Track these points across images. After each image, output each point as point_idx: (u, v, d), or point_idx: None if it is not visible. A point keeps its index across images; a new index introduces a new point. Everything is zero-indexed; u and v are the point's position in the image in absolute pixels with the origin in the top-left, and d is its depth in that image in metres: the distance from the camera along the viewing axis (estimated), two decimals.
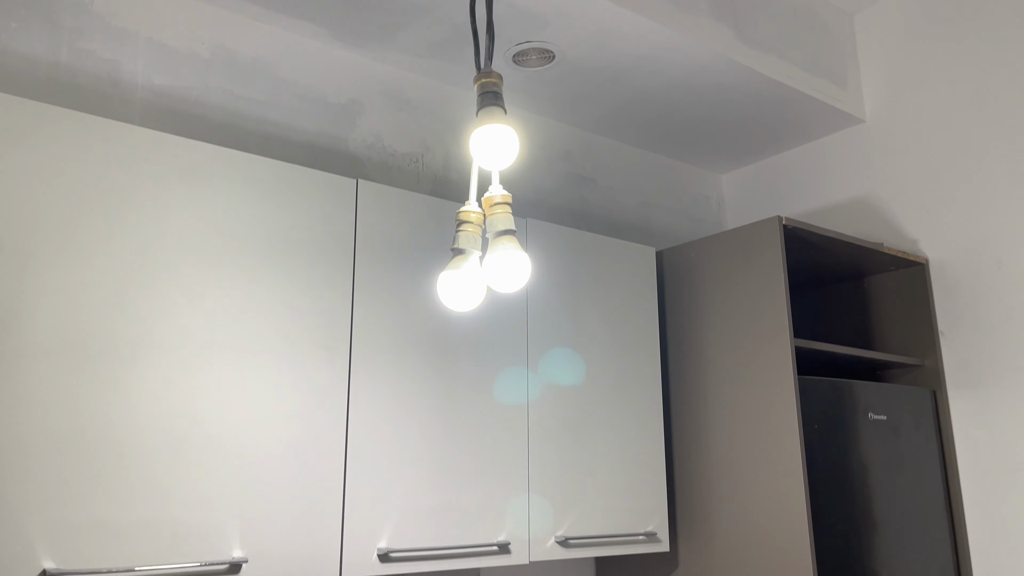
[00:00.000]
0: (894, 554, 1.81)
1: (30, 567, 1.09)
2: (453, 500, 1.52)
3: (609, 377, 1.81)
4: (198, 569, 1.22)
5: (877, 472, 1.83)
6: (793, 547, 1.65)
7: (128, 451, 1.19)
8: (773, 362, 1.75)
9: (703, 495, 1.84)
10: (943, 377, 2.07)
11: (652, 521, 1.81)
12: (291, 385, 1.37)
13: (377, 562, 1.41)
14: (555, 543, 1.64)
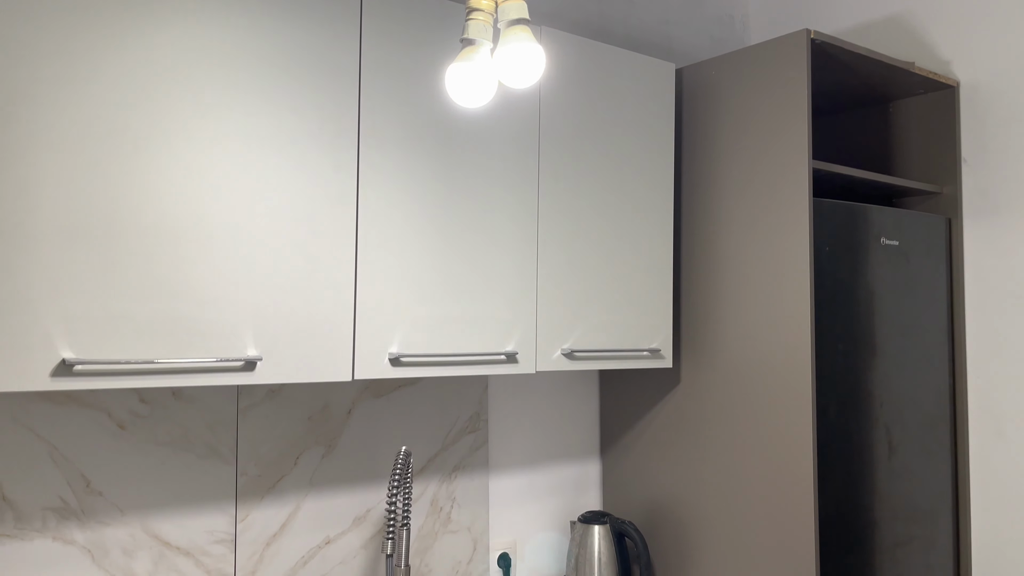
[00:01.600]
0: (893, 375, 1.85)
1: (49, 356, 1.12)
2: (462, 309, 1.54)
3: (621, 192, 1.78)
4: (215, 365, 1.25)
5: (884, 296, 1.84)
6: (794, 366, 1.69)
7: (138, 247, 1.19)
8: (789, 183, 1.71)
9: (709, 314, 1.87)
10: (960, 205, 2.04)
11: (657, 338, 1.84)
12: (299, 188, 1.35)
13: (388, 366, 1.45)
14: (561, 355, 1.68)
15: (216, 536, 1.51)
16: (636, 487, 2.03)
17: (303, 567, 1.61)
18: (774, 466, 1.71)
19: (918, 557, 1.88)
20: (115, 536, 1.40)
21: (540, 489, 2.02)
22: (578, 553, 1.93)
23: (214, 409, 1.52)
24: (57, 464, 1.36)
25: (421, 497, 1.79)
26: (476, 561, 1.87)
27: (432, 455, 1.81)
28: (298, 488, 1.62)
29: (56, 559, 1.35)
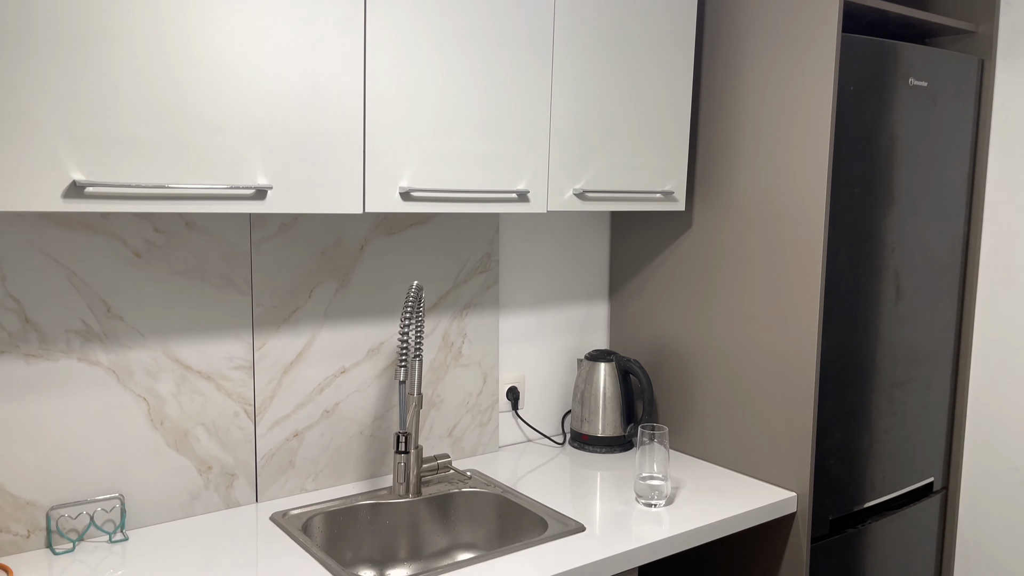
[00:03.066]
0: (907, 221, 1.84)
1: (59, 177, 1.11)
2: (474, 145, 1.51)
3: (640, 28, 1.71)
4: (226, 192, 1.25)
5: (906, 140, 1.80)
6: (808, 209, 1.67)
7: (144, 68, 1.16)
8: (817, 16, 1.63)
9: (724, 156, 1.83)
10: (995, 45, 1.95)
11: (670, 180, 1.82)
12: (305, 12, 1.29)
13: (399, 200, 1.44)
14: (573, 195, 1.67)
15: (235, 362, 1.56)
16: (642, 328, 2.07)
17: (319, 394, 1.68)
18: (780, 307, 1.73)
19: (915, 397, 1.94)
20: (138, 359, 1.45)
21: (549, 328, 2.06)
22: (584, 389, 2.00)
23: (228, 241, 1.54)
24: (77, 289, 1.39)
25: (433, 332, 1.83)
26: (486, 394, 1.94)
27: (444, 293, 1.84)
28: (313, 320, 1.66)
29: (83, 379, 1.40)
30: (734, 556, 1.86)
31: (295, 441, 1.65)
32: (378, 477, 1.78)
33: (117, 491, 1.45)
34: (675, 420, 1.99)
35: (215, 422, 1.55)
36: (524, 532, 1.62)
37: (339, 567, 1.33)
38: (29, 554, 1.37)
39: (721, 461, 1.89)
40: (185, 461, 1.52)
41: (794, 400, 1.72)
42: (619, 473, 1.83)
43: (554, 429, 2.11)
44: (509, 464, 1.88)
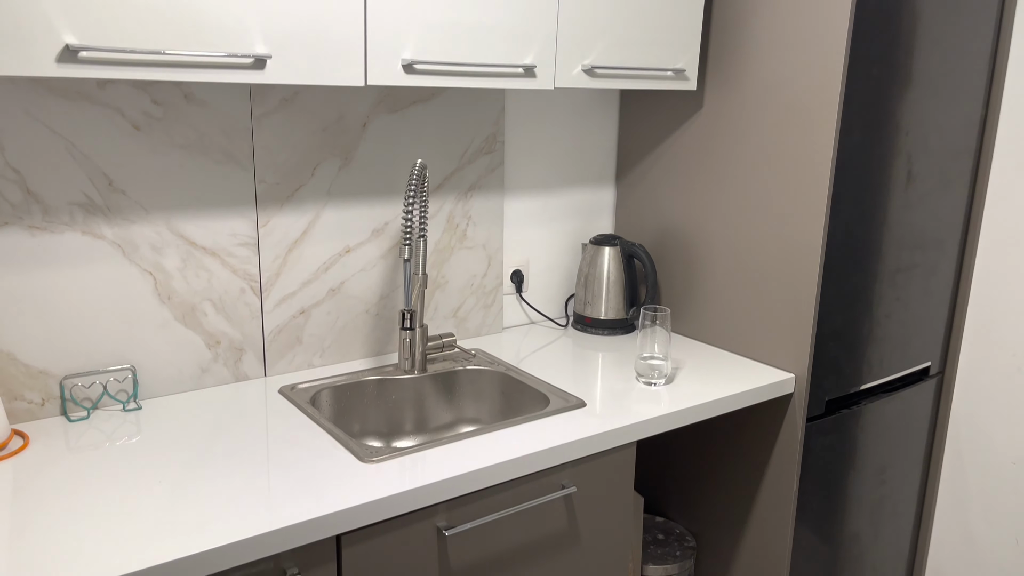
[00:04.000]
0: (924, 103, 1.79)
1: (52, 41, 1.08)
2: (479, 16, 1.46)
3: None
4: (224, 60, 1.22)
5: (929, 18, 1.72)
6: (822, 90, 1.62)
7: None
8: None
9: (739, 34, 1.77)
10: None
11: (682, 58, 1.76)
12: None
13: (402, 72, 1.40)
14: (581, 71, 1.62)
15: (240, 239, 1.56)
16: (648, 213, 2.05)
17: (325, 272, 1.69)
18: (789, 190, 1.71)
19: (918, 282, 1.94)
20: (142, 233, 1.45)
21: (554, 212, 2.05)
22: (588, 272, 2.01)
23: (228, 115, 1.51)
24: (77, 161, 1.37)
25: (437, 214, 1.82)
26: (490, 276, 1.95)
27: (448, 173, 1.82)
28: (316, 198, 1.64)
29: (88, 253, 1.41)
30: (730, 435, 1.91)
31: (301, 318, 1.67)
32: (384, 355, 1.81)
33: (128, 362, 1.48)
34: (677, 304, 2.01)
35: (222, 298, 1.56)
36: (526, 407, 1.66)
37: (347, 436, 1.37)
38: (45, 421, 1.41)
39: (722, 344, 1.91)
40: (193, 335, 1.54)
41: (797, 284, 1.72)
42: (620, 354, 1.86)
43: (557, 312, 2.13)
44: (513, 344, 1.91)
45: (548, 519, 1.43)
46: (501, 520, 1.37)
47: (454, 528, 1.29)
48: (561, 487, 1.43)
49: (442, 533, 1.29)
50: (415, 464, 1.29)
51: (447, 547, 1.31)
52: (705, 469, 1.99)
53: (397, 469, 1.27)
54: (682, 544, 1.98)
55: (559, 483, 1.42)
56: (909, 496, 2.15)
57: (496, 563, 1.38)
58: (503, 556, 1.39)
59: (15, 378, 1.38)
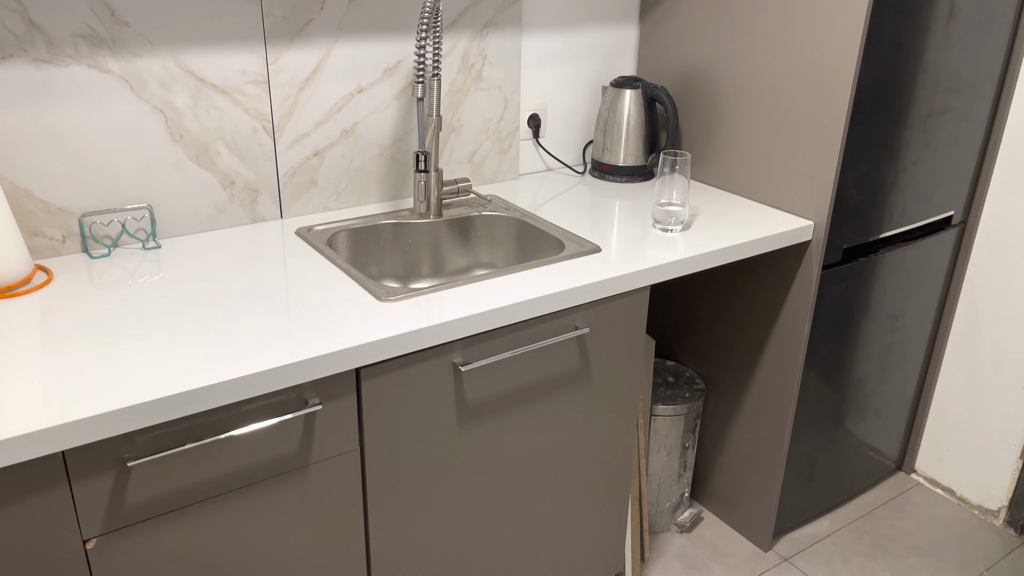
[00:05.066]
0: None
1: None
2: None
3: None
4: None
5: None
6: None
7: None
8: None
9: None
10: None
11: None
12: None
13: None
14: None
15: (249, 76, 1.52)
16: (673, 54, 1.97)
17: (337, 112, 1.65)
18: (821, 30, 1.62)
19: (949, 128, 1.88)
20: (149, 68, 1.42)
21: (573, 53, 1.97)
22: (608, 116, 1.95)
23: None
24: None
25: (452, 52, 1.76)
26: (506, 120, 1.90)
27: (463, 9, 1.74)
28: (327, 33, 1.58)
29: (96, 87, 1.38)
30: (744, 281, 1.92)
31: (315, 160, 1.65)
32: (399, 200, 1.80)
33: (145, 201, 1.49)
34: (699, 150, 1.96)
35: (234, 137, 1.54)
36: (542, 253, 1.66)
37: (364, 277, 1.38)
38: (67, 258, 1.43)
39: (742, 191, 1.88)
40: (208, 175, 1.54)
41: (823, 128, 1.67)
42: (638, 202, 1.84)
43: (575, 159, 2.10)
44: (529, 191, 1.89)
45: (561, 359, 1.47)
46: (515, 358, 1.40)
47: (470, 364, 1.33)
48: (574, 328, 1.45)
49: (458, 369, 1.33)
50: (431, 303, 1.31)
51: (463, 382, 1.35)
52: (717, 315, 2.01)
53: (414, 308, 1.29)
54: (691, 386, 2.04)
55: (572, 324, 1.45)
56: (919, 344, 2.18)
57: (510, 399, 1.43)
58: (517, 393, 1.43)
59: (34, 215, 1.39)
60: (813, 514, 2.20)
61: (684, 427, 2.00)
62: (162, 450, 1.07)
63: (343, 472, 1.26)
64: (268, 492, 1.19)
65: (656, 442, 2.00)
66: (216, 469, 1.13)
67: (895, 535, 2.16)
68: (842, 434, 2.11)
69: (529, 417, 1.47)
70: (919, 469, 2.38)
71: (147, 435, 1.05)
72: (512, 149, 1.94)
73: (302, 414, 1.17)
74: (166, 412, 1.03)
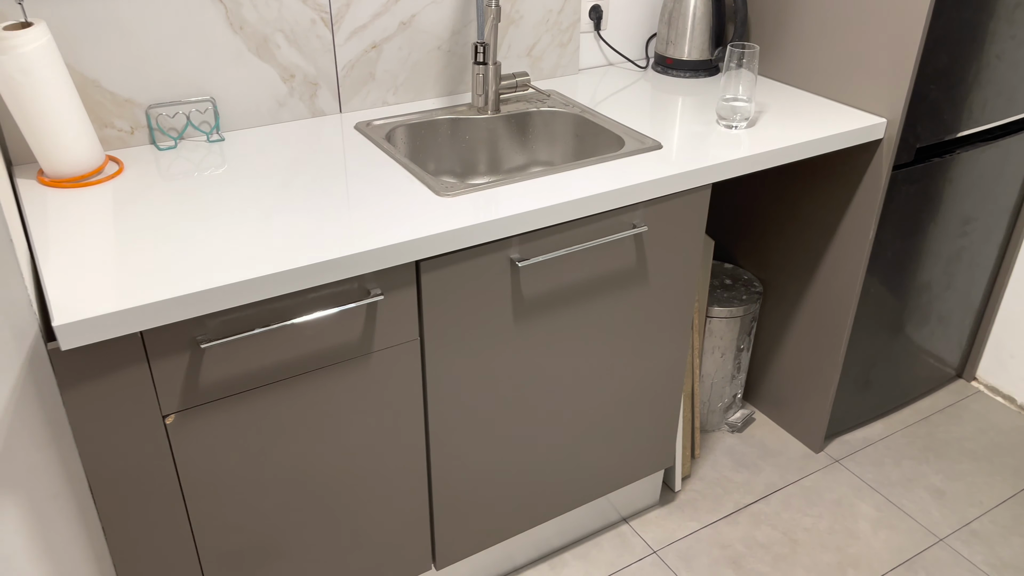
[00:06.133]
0: None
1: None
2: None
3: None
4: None
5: None
6: None
7: None
8: None
9: None
10: None
11: None
12: None
13: None
14: None
15: None
16: None
17: (395, 3, 1.61)
18: None
19: None
20: None
21: None
22: (672, 9, 1.88)
23: None
24: None
25: None
26: (567, 11, 1.84)
27: None
28: None
29: None
30: (810, 181, 1.86)
31: (374, 53, 1.64)
32: (457, 95, 1.78)
33: (208, 94, 1.50)
34: (767, 44, 1.88)
35: (293, 29, 1.53)
36: (601, 150, 1.64)
37: (423, 172, 1.39)
38: (135, 149, 1.47)
39: (812, 87, 1.81)
40: (268, 68, 1.54)
41: (901, 18, 1.57)
42: (702, 98, 1.79)
43: (638, 53, 2.03)
44: (589, 86, 1.85)
45: (618, 257, 1.47)
46: (572, 255, 1.41)
47: (526, 260, 1.34)
48: (632, 226, 1.44)
49: (515, 264, 1.34)
50: (489, 199, 1.31)
51: (519, 277, 1.37)
52: (780, 216, 1.97)
53: (472, 203, 1.29)
54: (749, 289, 2.03)
55: (630, 223, 1.44)
56: (989, 249, 2.11)
57: (565, 295, 1.44)
58: (573, 289, 1.45)
59: (103, 105, 1.42)
60: (867, 418, 2.20)
61: (740, 329, 2.00)
62: (232, 334, 1.12)
63: (404, 361, 1.31)
64: (333, 377, 1.24)
65: (711, 343, 2.01)
66: (283, 354, 1.18)
67: (950, 440, 2.15)
68: (902, 340, 2.08)
69: (584, 314, 1.49)
70: (980, 377, 2.34)
71: (218, 319, 1.10)
72: (572, 42, 1.89)
73: (364, 304, 1.20)
74: (235, 298, 1.07)
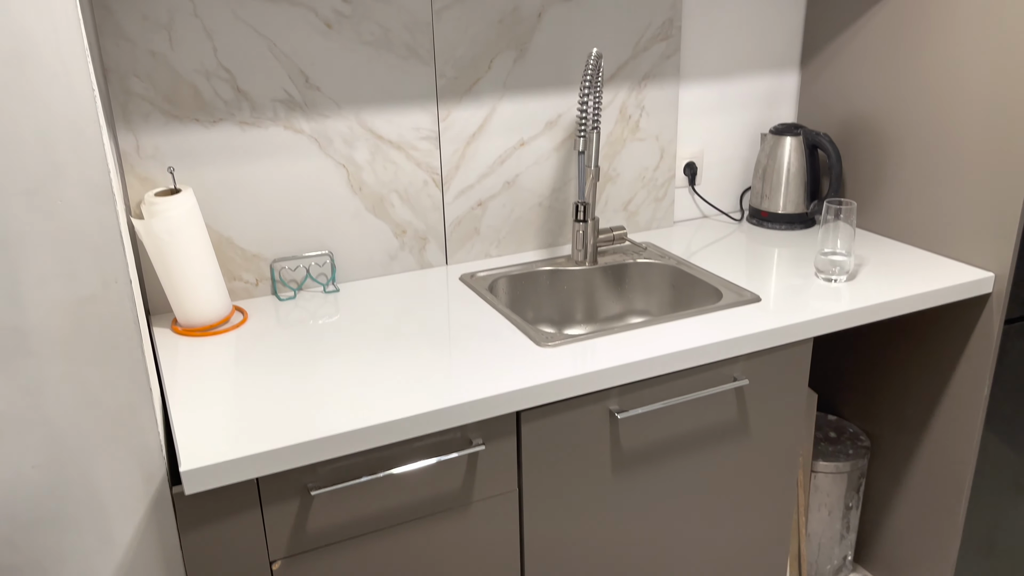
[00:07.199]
0: None
1: None
2: None
3: None
4: None
5: None
6: None
7: None
8: None
9: None
10: None
11: None
12: None
13: None
14: None
15: (422, 133, 1.63)
16: (835, 100, 1.93)
17: (500, 165, 1.73)
18: (1004, 64, 1.54)
19: None
20: (335, 127, 1.55)
21: (731, 101, 1.97)
22: (767, 164, 1.93)
23: (410, 10, 1.55)
24: (278, 59, 1.47)
25: (610, 105, 1.80)
26: (662, 168, 1.92)
27: (622, 63, 1.79)
28: (493, 91, 1.67)
29: (290, 146, 1.53)
30: (915, 335, 1.82)
31: (479, 210, 1.74)
32: (556, 247, 1.86)
33: (327, 248, 1.62)
34: (863, 198, 1.90)
35: (407, 189, 1.65)
36: (697, 301, 1.66)
37: (523, 322, 1.44)
38: (258, 299, 1.58)
39: (911, 240, 1.80)
40: (382, 224, 1.65)
41: (1005, 173, 1.57)
42: (799, 250, 1.80)
43: (732, 206, 2.08)
44: (684, 238, 1.89)
45: (719, 410, 1.45)
46: (672, 407, 1.40)
47: (626, 412, 1.34)
48: (733, 379, 1.44)
49: (614, 416, 1.35)
50: (588, 350, 1.34)
51: (619, 429, 1.37)
52: (885, 369, 1.92)
53: (571, 354, 1.32)
54: (855, 443, 1.95)
55: (731, 375, 1.43)
56: None
57: (665, 448, 1.43)
58: (672, 442, 1.43)
59: (233, 260, 1.55)
60: None
61: (847, 486, 1.91)
62: (340, 481, 1.15)
63: (502, 512, 1.31)
64: (432, 527, 1.25)
65: (817, 500, 1.92)
66: (386, 502, 1.20)
67: None
68: None
69: (684, 468, 1.46)
70: None
71: (328, 466, 1.14)
72: (667, 197, 1.95)
73: (466, 453, 1.23)
74: (347, 446, 1.11)
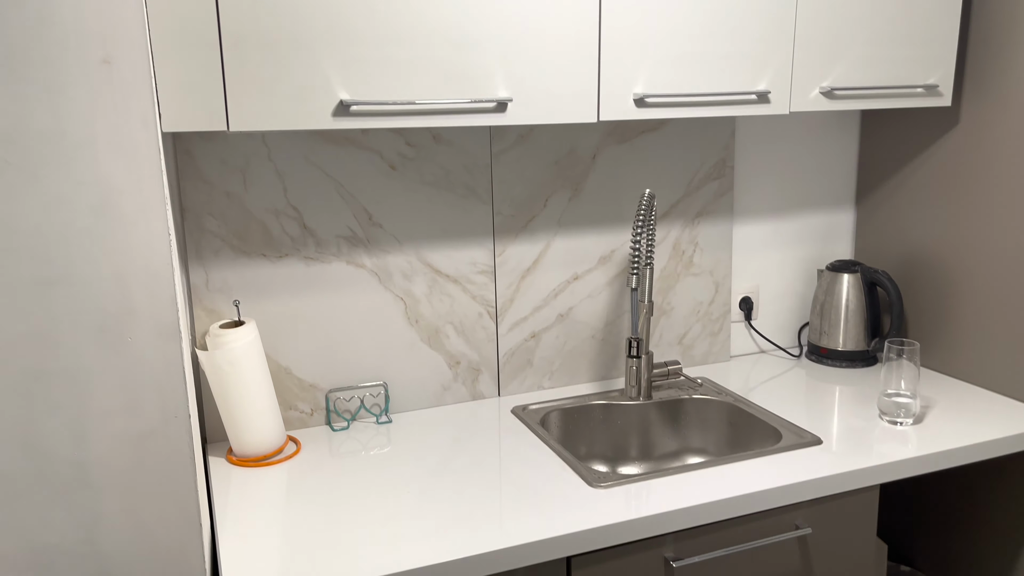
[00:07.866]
0: None
1: (329, 97, 1.23)
2: (712, 46, 1.45)
3: None
4: (469, 106, 1.32)
5: None
6: None
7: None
8: None
9: (1003, 41, 1.61)
10: None
11: (935, 73, 1.64)
12: None
13: (633, 106, 1.43)
14: (819, 93, 1.56)
15: (478, 267, 1.67)
16: (892, 237, 1.92)
17: (554, 298, 1.75)
18: None
19: None
20: (395, 262, 1.60)
21: (787, 237, 1.98)
22: (824, 300, 1.91)
23: (470, 153, 1.62)
24: (344, 199, 1.54)
25: (664, 241, 1.83)
26: (717, 303, 1.92)
27: (675, 201, 1.82)
28: (548, 228, 1.72)
29: (351, 280, 1.58)
30: (991, 480, 1.72)
31: (532, 342, 1.75)
32: (609, 380, 1.84)
33: (382, 379, 1.64)
34: (925, 336, 1.85)
35: (462, 322, 1.68)
36: (756, 441, 1.61)
37: (575, 459, 1.41)
38: (312, 429, 1.59)
39: (979, 381, 1.73)
40: (437, 356, 1.67)
41: None
42: (860, 388, 1.75)
43: (790, 341, 2.05)
44: (741, 374, 1.86)
45: (781, 559, 1.38)
46: (731, 556, 1.34)
47: (682, 560, 1.28)
48: (795, 527, 1.37)
49: (670, 564, 1.29)
50: (642, 492, 1.30)
51: None
52: (960, 517, 1.81)
53: (624, 495, 1.29)
54: None
55: (793, 523, 1.37)
56: None
57: None
58: None
59: (290, 390, 1.57)
60: None
61: None
62: None
63: None
64: None
65: None
66: None
67: None
68: None
69: None
70: None
71: None
72: (723, 331, 1.94)
73: None
74: None
